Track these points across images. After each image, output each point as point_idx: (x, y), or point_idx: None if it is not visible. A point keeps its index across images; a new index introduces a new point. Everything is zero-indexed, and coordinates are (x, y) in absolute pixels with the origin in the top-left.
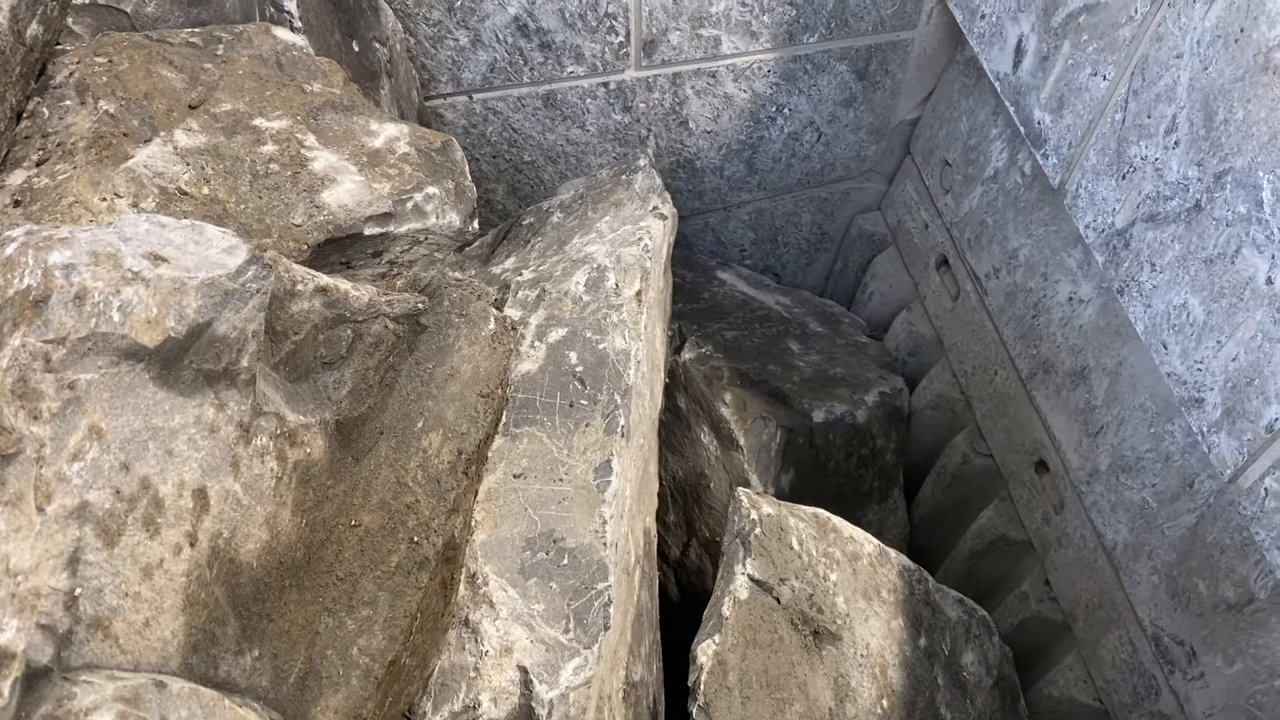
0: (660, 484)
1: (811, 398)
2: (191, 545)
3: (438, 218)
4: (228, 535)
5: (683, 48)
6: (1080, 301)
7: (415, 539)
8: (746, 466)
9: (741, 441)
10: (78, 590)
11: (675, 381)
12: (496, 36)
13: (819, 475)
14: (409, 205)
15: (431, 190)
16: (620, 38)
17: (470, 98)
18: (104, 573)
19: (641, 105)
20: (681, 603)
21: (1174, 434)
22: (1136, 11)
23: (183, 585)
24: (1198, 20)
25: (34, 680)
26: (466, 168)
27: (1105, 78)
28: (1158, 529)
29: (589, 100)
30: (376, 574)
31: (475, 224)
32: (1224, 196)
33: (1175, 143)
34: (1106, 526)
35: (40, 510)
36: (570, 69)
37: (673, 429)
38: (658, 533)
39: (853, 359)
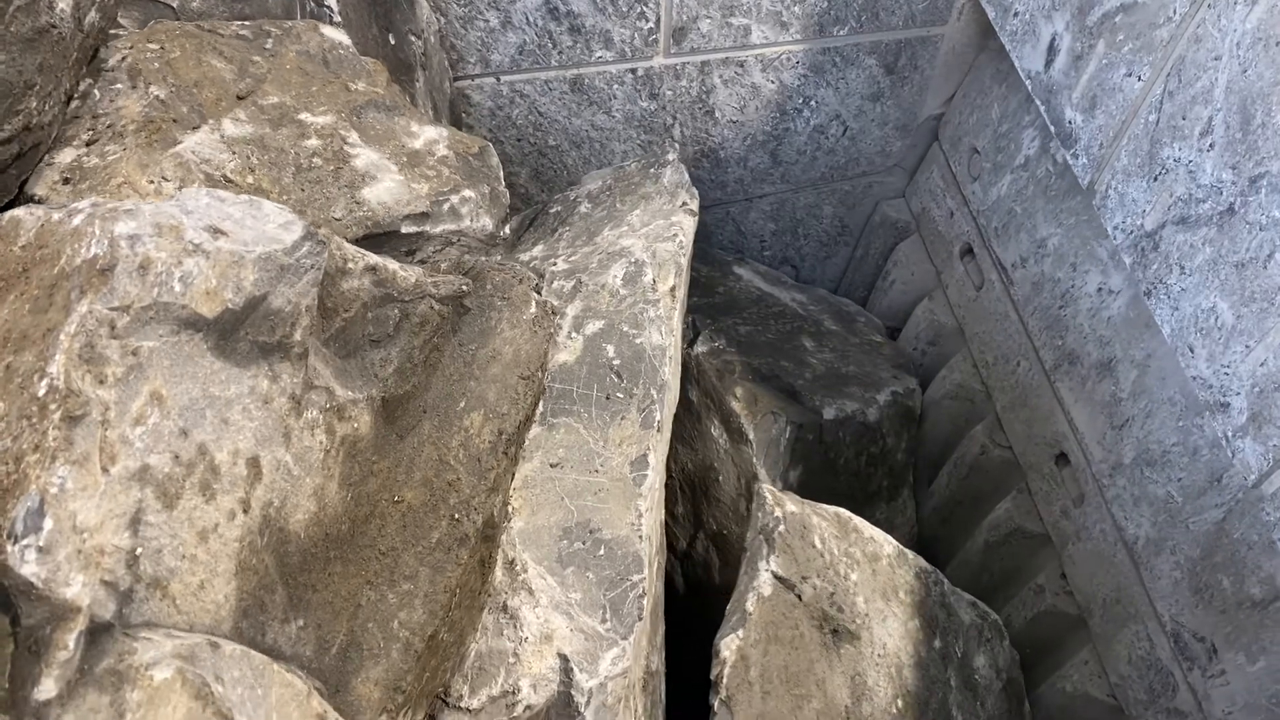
0: (669, 475)
1: (823, 395)
2: (245, 512)
3: (472, 220)
4: (278, 504)
5: (712, 36)
6: (1110, 293)
7: (456, 516)
8: (755, 461)
9: (751, 436)
10: (139, 550)
11: (687, 374)
12: (527, 19)
13: (828, 472)
14: (445, 207)
15: (468, 193)
16: (650, 24)
17: (498, 79)
18: (163, 534)
19: (668, 93)
20: (687, 594)
21: (1203, 428)
22: (1175, 12)
23: (235, 551)
24: (1238, 22)
25: (97, 634)
26: (501, 173)
27: (1140, 78)
28: (1182, 524)
29: (616, 86)
30: (418, 549)
31: (507, 229)
32: (1259, 200)
33: (1210, 145)
34: (1128, 520)
35: (105, 471)
36: (599, 54)
37: (683, 421)
38: (665, 524)
39: (866, 358)
